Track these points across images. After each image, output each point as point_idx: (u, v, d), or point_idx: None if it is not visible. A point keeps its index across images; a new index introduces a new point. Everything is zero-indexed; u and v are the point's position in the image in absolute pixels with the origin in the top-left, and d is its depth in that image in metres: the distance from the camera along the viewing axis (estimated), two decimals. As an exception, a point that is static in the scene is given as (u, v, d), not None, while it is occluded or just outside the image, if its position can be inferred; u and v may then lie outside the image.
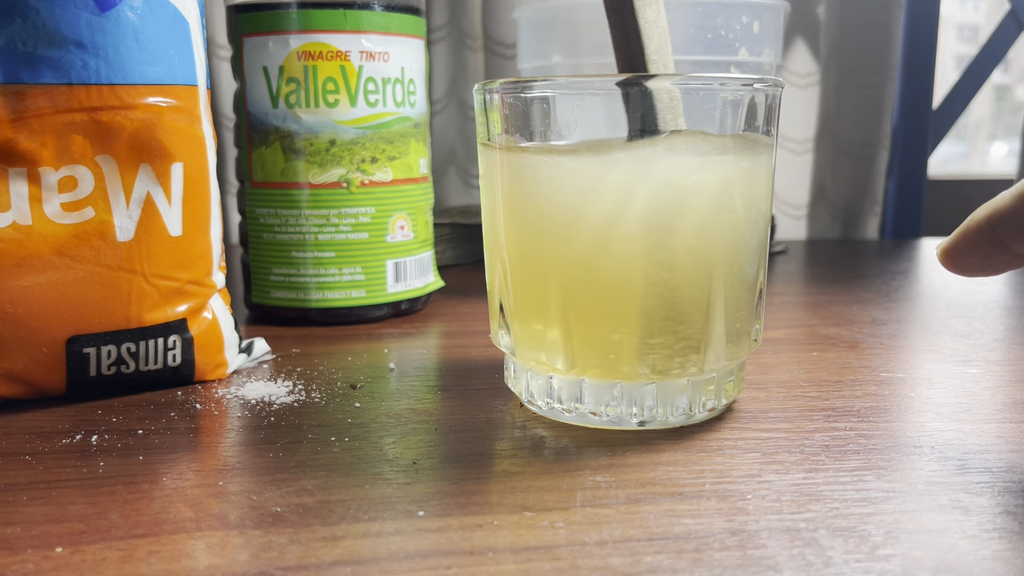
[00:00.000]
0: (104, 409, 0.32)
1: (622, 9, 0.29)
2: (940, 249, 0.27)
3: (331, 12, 0.44)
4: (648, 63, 0.30)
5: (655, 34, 0.30)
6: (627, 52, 0.30)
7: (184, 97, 0.34)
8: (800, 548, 0.22)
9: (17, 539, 0.22)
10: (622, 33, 0.30)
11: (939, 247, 0.27)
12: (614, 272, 0.28)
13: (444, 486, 0.25)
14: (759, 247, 0.30)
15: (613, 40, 0.30)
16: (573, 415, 0.30)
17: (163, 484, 0.26)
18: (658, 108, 0.28)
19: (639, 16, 0.29)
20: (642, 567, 0.21)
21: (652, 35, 0.30)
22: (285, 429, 0.30)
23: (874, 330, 0.45)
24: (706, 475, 0.26)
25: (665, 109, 0.28)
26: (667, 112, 0.28)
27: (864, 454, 0.28)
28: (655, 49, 0.30)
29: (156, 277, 0.33)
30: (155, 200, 0.33)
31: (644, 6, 0.29)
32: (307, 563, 0.21)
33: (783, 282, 0.61)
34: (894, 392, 0.34)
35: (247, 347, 0.39)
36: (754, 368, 0.37)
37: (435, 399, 0.34)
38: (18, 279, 0.31)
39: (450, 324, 0.47)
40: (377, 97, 0.45)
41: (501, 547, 0.22)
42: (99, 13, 0.31)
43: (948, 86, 0.91)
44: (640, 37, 0.29)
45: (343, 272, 0.46)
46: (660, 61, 0.30)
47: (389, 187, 0.46)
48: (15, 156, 0.30)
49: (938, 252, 0.27)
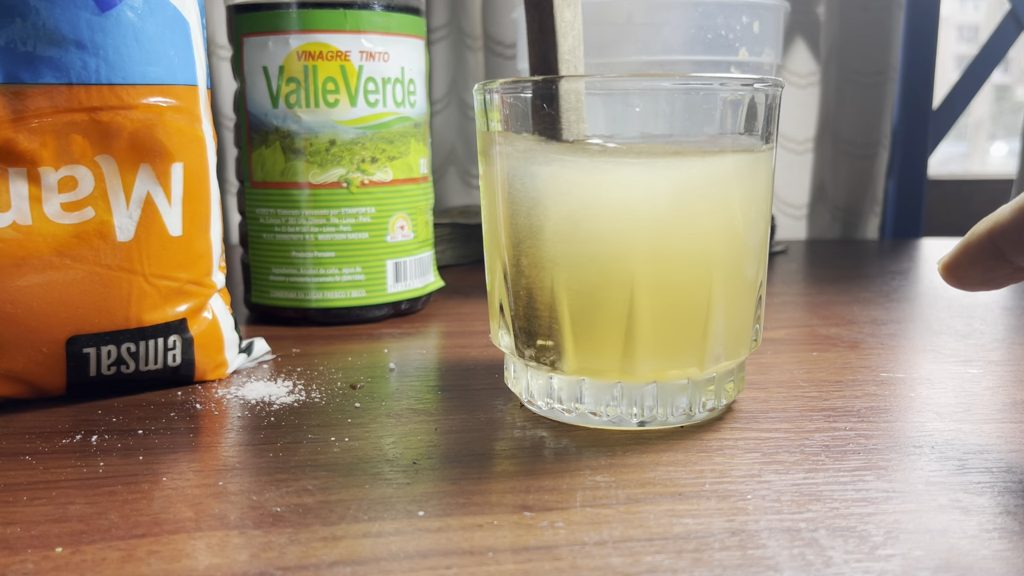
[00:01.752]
0: (104, 409, 0.32)
1: (541, 5, 0.30)
2: (941, 264, 0.26)
3: (331, 12, 0.44)
4: (560, 62, 0.30)
5: (570, 34, 0.30)
6: (541, 49, 0.31)
7: (184, 97, 0.34)
8: (800, 548, 0.22)
9: (17, 539, 0.22)
10: (539, 28, 0.30)
11: (940, 261, 0.27)
12: (614, 272, 0.28)
13: (444, 486, 0.25)
14: (759, 247, 0.30)
15: (528, 35, 0.31)
16: (573, 415, 0.30)
17: (163, 484, 0.26)
18: (563, 109, 0.29)
19: (556, 15, 0.30)
20: (642, 567, 0.21)
21: (567, 35, 0.30)
22: (285, 429, 0.30)
23: (874, 330, 0.45)
24: (706, 475, 0.26)
25: (570, 110, 0.29)
26: (571, 113, 0.29)
27: (864, 454, 0.28)
28: (568, 49, 0.30)
29: (156, 277, 0.33)
30: (155, 200, 0.33)
31: (563, 6, 0.30)
32: (307, 563, 0.21)
33: (783, 282, 0.61)
34: (894, 392, 0.34)
35: (247, 347, 0.39)
36: (754, 368, 0.37)
37: (435, 399, 0.34)
38: (18, 279, 0.31)
39: (450, 324, 0.47)
40: (377, 97, 0.45)
41: (501, 547, 0.22)
42: (99, 13, 0.31)
43: (948, 86, 0.91)
44: (555, 35, 0.30)
45: (343, 272, 0.46)
46: (572, 61, 0.31)
47: (389, 187, 0.46)
48: (15, 156, 0.30)
49: (939, 267, 0.27)
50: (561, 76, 0.30)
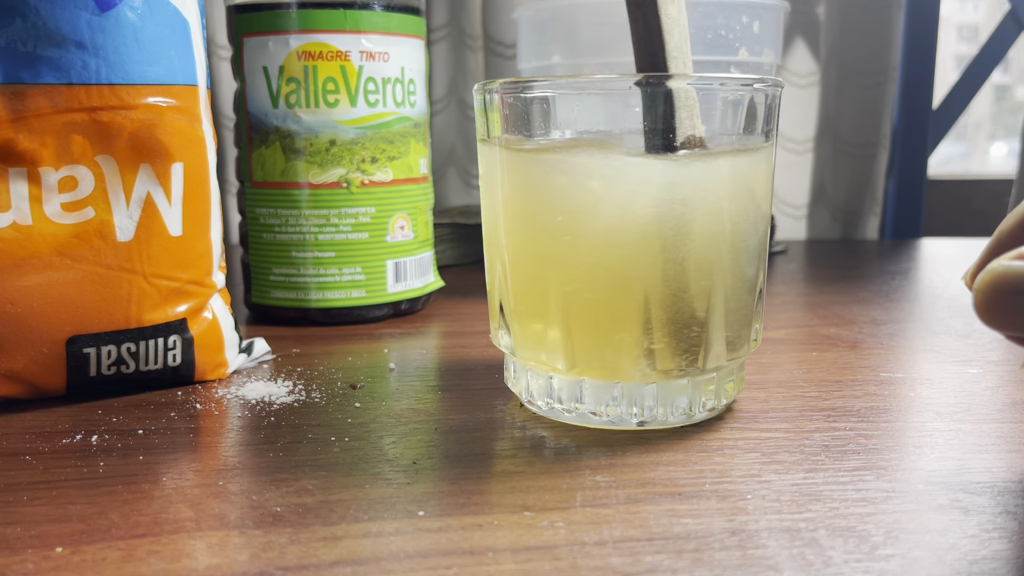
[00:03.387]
0: (104, 409, 0.32)
1: (644, 4, 0.29)
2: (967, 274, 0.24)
3: (331, 12, 0.44)
4: (669, 61, 0.30)
5: (676, 31, 0.29)
6: (648, 49, 0.30)
7: (184, 97, 0.34)
8: (800, 548, 0.22)
9: (17, 539, 0.22)
10: (644, 28, 0.29)
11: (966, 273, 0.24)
12: (614, 272, 0.28)
13: (444, 486, 0.25)
14: (759, 247, 0.30)
15: (633, 35, 0.30)
16: (573, 415, 0.30)
17: (163, 484, 0.26)
18: (677, 109, 0.28)
19: (661, 12, 0.29)
20: (642, 567, 0.21)
21: (673, 32, 0.29)
22: (285, 429, 0.30)
23: (874, 330, 0.45)
24: (706, 475, 0.26)
25: (683, 109, 0.28)
26: (684, 112, 0.28)
27: (864, 454, 0.28)
28: (675, 46, 0.29)
29: (156, 277, 0.33)
30: (155, 200, 0.33)
31: (667, 3, 0.29)
32: (307, 563, 0.21)
33: (783, 282, 0.61)
34: (894, 392, 0.34)
35: (247, 347, 0.39)
36: (754, 368, 0.37)
37: (435, 399, 0.34)
38: (18, 279, 0.31)
39: (450, 324, 0.47)
40: (377, 97, 0.45)
41: (501, 547, 0.22)
42: (99, 13, 0.31)
43: (948, 86, 0.91)
44: (662, 33, 0.29)
45: (343, 272, 0.46)
46: (680, 59, 0.30)
47: (389, 187, 0.46)
48: (15, 156, 0.30)
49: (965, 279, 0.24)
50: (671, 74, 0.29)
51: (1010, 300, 0.20)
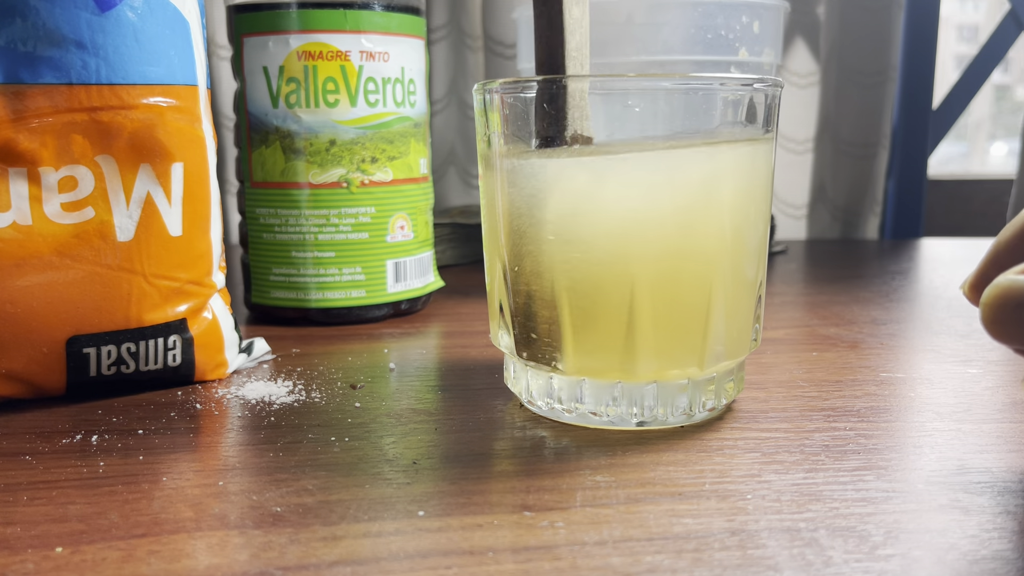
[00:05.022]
0: (104, 409, 0.32)
1: (549, 2, 0.30)
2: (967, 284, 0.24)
3: (331, 12, 0.44)
4: (567, 59, 0.30)
5: (577, 32, 0.30)
6: (548, 45, 0.31)
7: (184, 97, 0.34)
8: (800, 548, 0.22)
9: (17, 539, 0.22)
10: (547, 25, 0.30)
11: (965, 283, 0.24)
12: (614, 272, 0.28)
13: (444, 486, 0.25)
14: (759, 247, 0.30)
15: (536, 31, 0.31)
16: (573, 415, 0.30)
17: (163, 484, 0.26)
18: (569, 107, 0.29)
19: (565, 12, 0.30)
20: (642, 567, 0.21)
21: (575, 32, 0.30)
22: (285, 429, 0.30)
23: (874, 330, 0.45)
24: (706, 475, 0.26)
25: (575, 108, 0.29)
26: (576, 111, 0.29)
27: (864, 454, 0.28)
28: (575, 46, 0.30)
29: (156, 277, 0.33)
30: (155, 200, 0.33)
31: (571, 4, 0.30)
32: (307, 563, 0.21)
33: (783, 282, 0.61)
34: (894, 392, 0.34)
35: (247, 347, 0.39)
36: (754, 368, 0.37)
37: (435, 399, 0.34)
38: (18, 279, 0.31)
39: (450, 324, 0.47)
40: (377, 97, 0.45)
41: (501, 547, 0.22)
42: (99, 13, 0.31)
43: (948, 86, 0.91)
44: (563, 32, 0.30)
45: (343, 272, 0.46)
46: (578, 59, 0.31)
47: (389, 187, 0.46)
48: (15, 156, 0.30)
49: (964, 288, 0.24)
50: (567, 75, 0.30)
51: (1019, 314, 0.21)
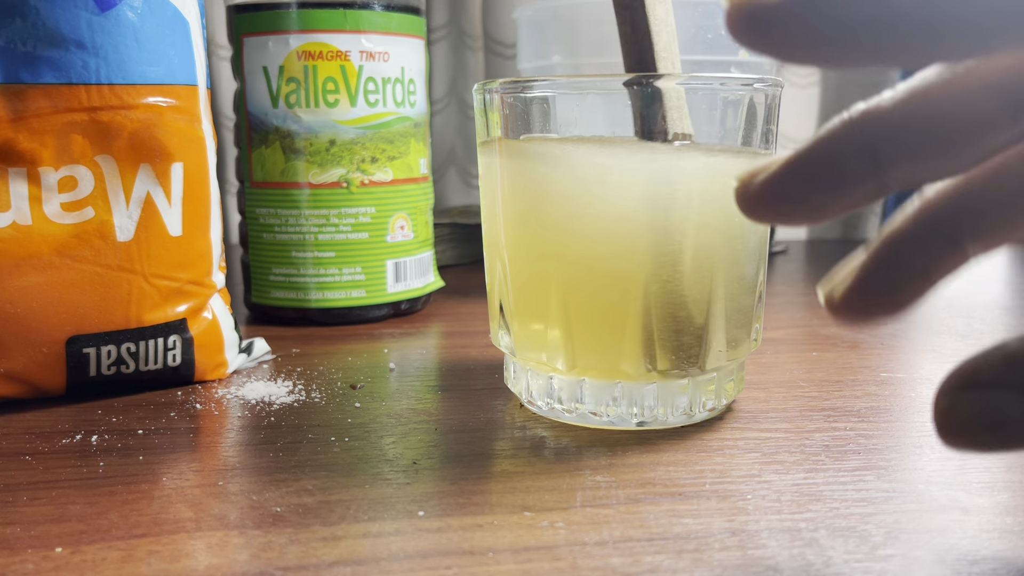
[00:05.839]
0: (104, 409, 0.32)
1: (632, 5, 0.29)
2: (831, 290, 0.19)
3: (331, 12, 0.44)
4: (657, 60, 0.30)
5: (664, 31, 0.29)
6: (636, 49, 0.30)
7: (184, 97, 0.34)
8: (800, 548, 0.22)
9: (17, 539, 0.22)
10: (631, 29, 0.30)
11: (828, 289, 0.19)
12: (614, 272, 0.28)
13: (444, 486, 0.25)
14: (759, 247, 0.30)
15: (621, 36, 0.30)
16: (573, 415, 0.30)
17: (163, 484, 0.26)
18: (667, 108, 0.28)
19: (649, 13, 0.29)
20: (642, 567, 0.21)
21: (661, 32, 0.29)
22: (285, 429, 0.30)
23: (874, 330, 0.45)
24: (706, 475, 0.26)
25: (673, 109, 0.28)
26: (674, 111, 0.28)
27: (864, 454, 0.28)
28: (664, 46, 0.30)
29: (156, 277, 0.33)
30: (155, 200, 0.33)
31: (655, 3, 0.29)
32: (307, 563, 0.21)
33: (783, 282, 0.61)
34: (894, 392, 0.34)
35: (247, 347, 0.39)
36: (754, 368, 0.37)
37: (435, 399, 0.34)
38: (18, 279, 0.31)
39: (450, 324, 0.47)
40: (377, 97, 0.45)
41: (501, 547, 0.22)
42: (99, 13, 0.31)
43: (948, 86, 0.90)
44: (650, 34, 0.29)
45: (343, 272, 0.46)
46: (669, 59, 0.30)
47: (389, 187, 0.46)
48: (15, 156, 0.30)
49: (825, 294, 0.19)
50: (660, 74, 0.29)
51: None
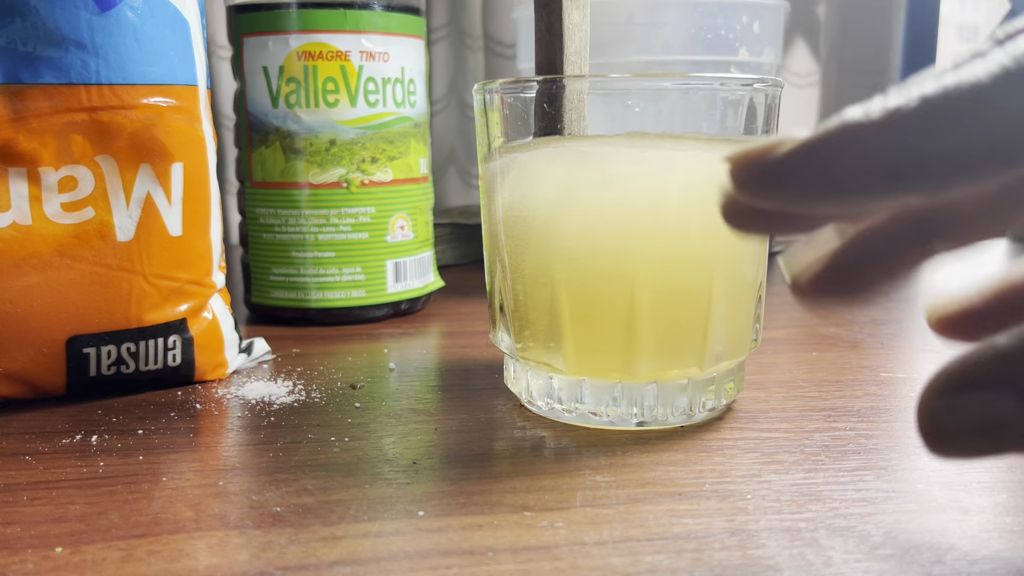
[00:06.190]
0: (104, 409, 0.32)
1: (550, 6, 0.30)
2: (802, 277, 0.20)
3: (331, 12, 0.44)
4: (565, 63, 0.31)
5: (576, 36, 0.31)
6: (547, 49, 0.31)
7: (184, 97, 0.34)
8: (800, 548, 0.22)
9: (17, 539, 0.22)
10: (546, 29, 0.31)
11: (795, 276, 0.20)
12: (614, 271, 0.28)
13: (444, 486, 0.25)
14: (759, 247, 0.30)
15: (536, 34, 0.32)
16: (573, 415, 0.30)
17: (163, 484, 0.26)
18: (565, 108, 0.29)
19: (565, 16, 0.30)
20: (642, 567, 0.21)
21: (574, 36, 0.31)
22: (285, 429, 0.30)
23: (874, 330, 0.45)
24: (706, 475, 0.26)
25: (572, 110, 0.29)
26: (573, 112, 0.29)
27: (864, 454, 0.28)
28: (574, 51, 0.31)
29: (156, 277, 0.33)
30: (155, 200, 0.33)
31: (571, 8, 0.30)
32: (307, 563, 0.21)
33: (783, 282, 0.61)
34: (894, 392, 0.34)
35: (247, 347, 0.39)
36: (754, 368, 0.37)
37: (435, 399, 0.34)
38: (18, 279, 0.31)
39: (450, 324, 0.47)
40: (377, 97, 0.45)
41: (501, 547, 0.22)
42: (99, 13, 0.31)
43: (948, 86, 0.90)
44: (562, 37, 0.30)
45: (343, 272, 0.46)
46: (576, 63, 0.31)
47: (389, 187, 0.46)
48: (15, 156, 0.30)
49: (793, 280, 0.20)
50: (565, 76, 0.30)
51: None
